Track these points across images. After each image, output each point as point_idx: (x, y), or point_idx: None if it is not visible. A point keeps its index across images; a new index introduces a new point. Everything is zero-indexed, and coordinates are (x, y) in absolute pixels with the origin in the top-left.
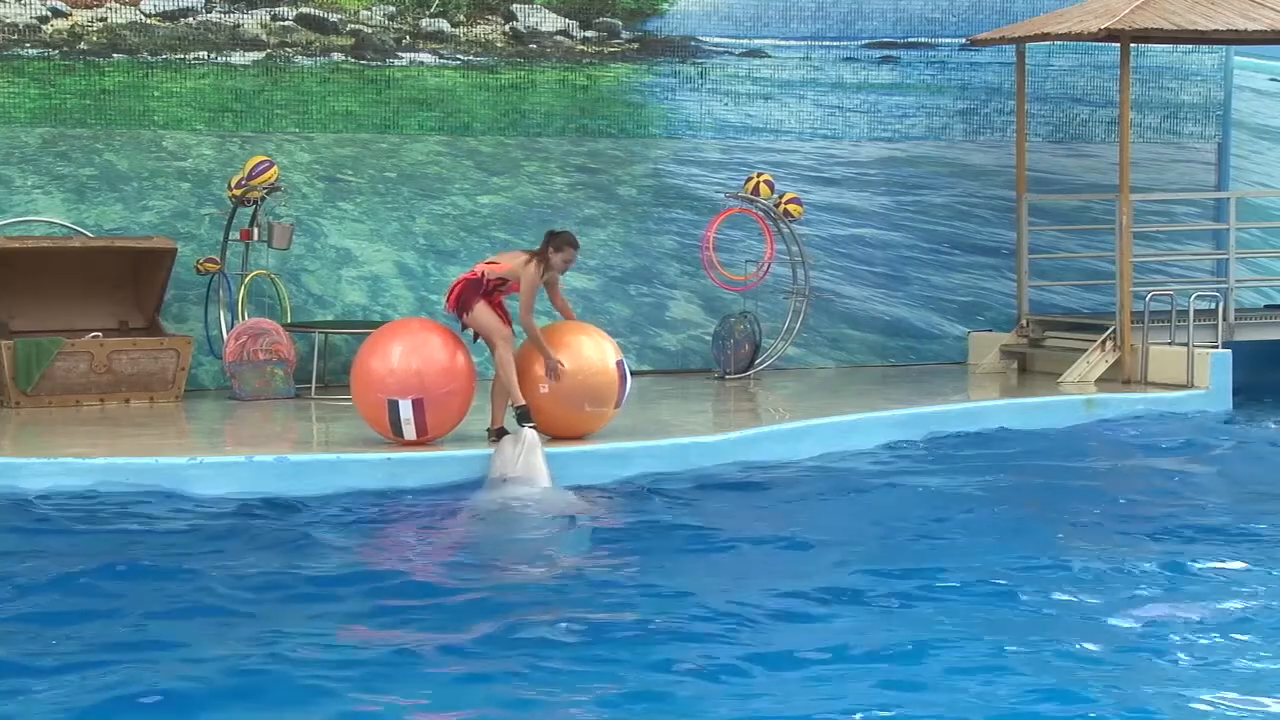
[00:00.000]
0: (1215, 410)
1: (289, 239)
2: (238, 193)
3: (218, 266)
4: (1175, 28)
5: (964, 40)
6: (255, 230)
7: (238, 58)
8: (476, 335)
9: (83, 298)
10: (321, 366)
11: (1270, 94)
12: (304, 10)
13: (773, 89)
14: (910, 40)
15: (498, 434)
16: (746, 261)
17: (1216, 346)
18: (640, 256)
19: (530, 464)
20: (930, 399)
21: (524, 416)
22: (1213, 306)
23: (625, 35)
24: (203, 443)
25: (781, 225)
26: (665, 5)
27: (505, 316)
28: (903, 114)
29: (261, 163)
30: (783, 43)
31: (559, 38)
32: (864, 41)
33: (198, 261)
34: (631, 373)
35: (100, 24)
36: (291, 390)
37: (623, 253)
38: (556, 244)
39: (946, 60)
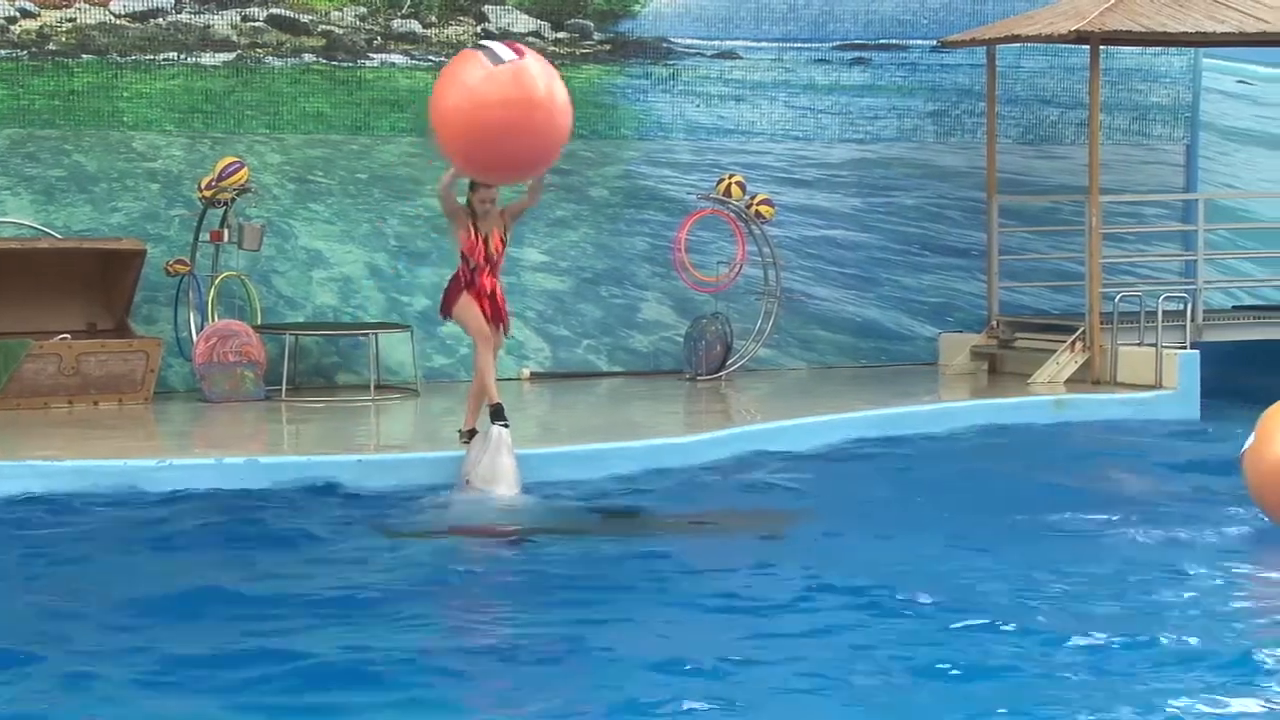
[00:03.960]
0: (1183, 411)
1: (259, 240)
2: (208, 194)
3: (187, 268)
4: (1144, 30)
5: (935, 42)
6: (225, 231)
7: (208, 59)
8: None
9: (51, 299)
10: (292, 368)
11: (1238, 96)
12: (275, 11)
13: (744, 90)
14: (881, 42)
15: (469, 435)
16: (718, 263)
17: (1185, 347)
18: (612, 258)
19: (496, 464)
20: (901, 400)
21: (497, 415)
22: (1181, 308)
23: (597, 37)
24: (172, 445)
25: (753, 226)
26: (637, 7)
27: (495, 310)
28: (874, 115)
29: (232, 164)
30: (754, 44)
31: (531, 39)
32: (835, 43)
33: (167, 263)
34: (601, 374)
35: (69, 24)
36: (262, 392)
37: (594, 254)
38: (471, 185)
39: (917, 62)
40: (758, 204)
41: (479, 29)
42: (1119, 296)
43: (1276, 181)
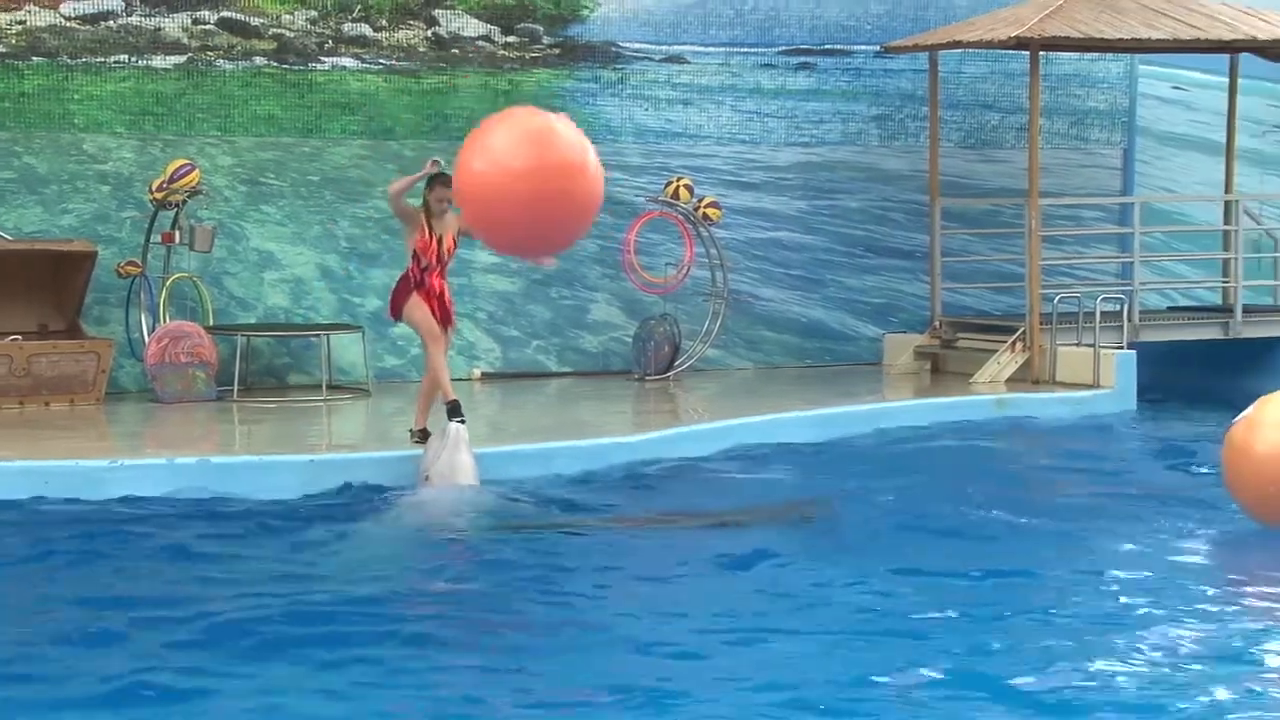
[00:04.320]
0: (1120, 409)
1: (211, 242)
2: (159, 196)
3: (139, 269)
4: (1082, 36)
5: (879, 48)
6: (177, 233)
7: (159, 61)
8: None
9: (2, 301)
10: (244, 369)
11: (1173, 102)
12: (226, 14)
13: (692, 94)
14: (826, 47)
15: (420, 435)
16: (666, 264)
17: (1122, 347)
18: (562, 259)
19: (454, 460)
20: (845, 400)
21: (453, 411)
22: (1118, 308)
23: (547, 41)
24: (124, 445)
25: (701, 229)
26: (586, 11)
27: (444, 311)
28: (819, 120)
29: (183, 166)
30: (702, 49)
31: (481, 43)
32: (781, 48)
33: (119, 264)
34: (551, 375)
35: (19, 27)
36: (213, 393)
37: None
38: (428, 184)
39: (862, 67)
40: (705, 206)
41: (429, 33)
42: (1058, 298)
43: (1211, 185)
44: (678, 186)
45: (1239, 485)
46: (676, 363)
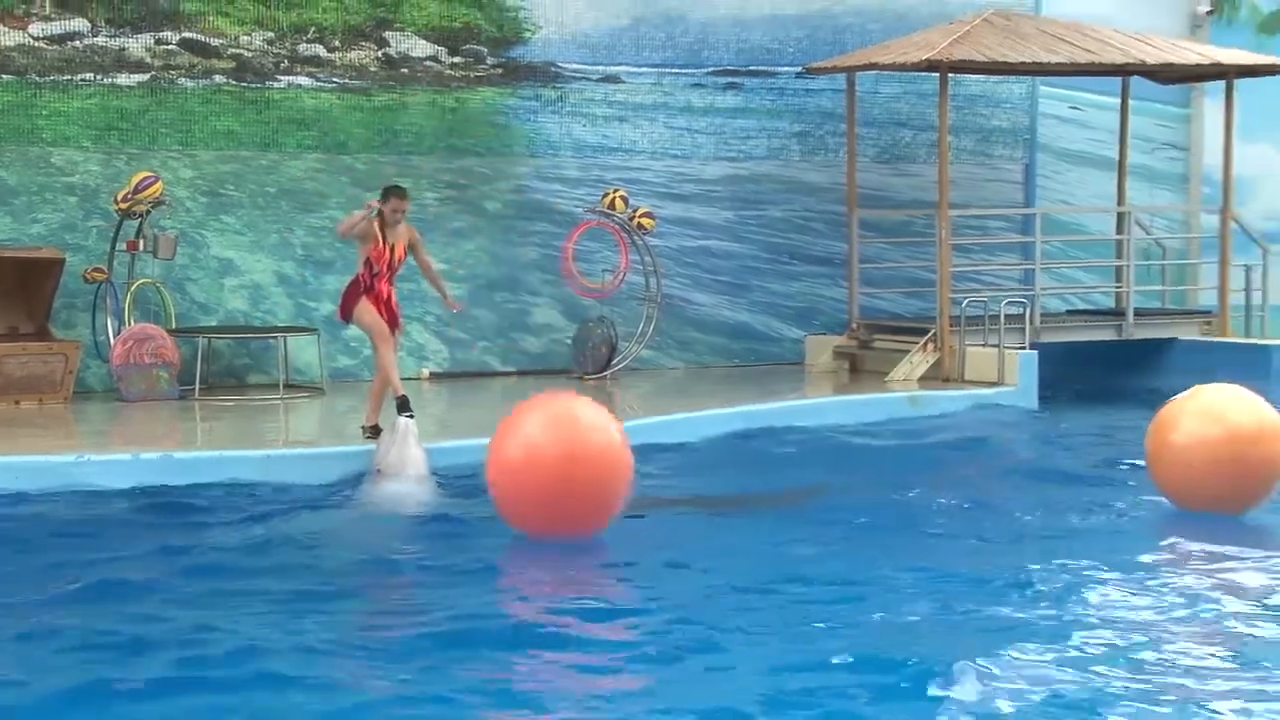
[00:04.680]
0: (1023, 405)
1: (173, 250)
2: (124, 206)
3: (105, 275)
4: (987, 60)
5: (800, 69)
6: (141, 241)
7: (123, 79)
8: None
9: None
10: (205, 369)
11: (1071, 120)
12: (187, 35)
13: (627, 112)
14: (752, 69)
15: (372, 430)
16: (603, 270)
17: (1024, 348)
18: (505, 266)
19: (404, 453)
20: (770, 397)
21: (403, 406)
22: (1021, 312)
23: (491, 61)
24: (90, 442)
25: (635, 237)
26: (528, 34)
27: (391, 314)
28: (745, 136)
29: (146, 178)
30: (636, 69)
31: (429, 63)
32: (710, 69)
33: (85, 271)
34: (496, 374)
35: None
36: (176, 392)
37: (489, 262)
38: (383, 195)
39: (785, 87)
40: (640, 216)
41: (380, 53)
42: (966, 302)
43: (1104, 198)
44: (614, 198)
45: (1161, 470)
46: (613, 362)
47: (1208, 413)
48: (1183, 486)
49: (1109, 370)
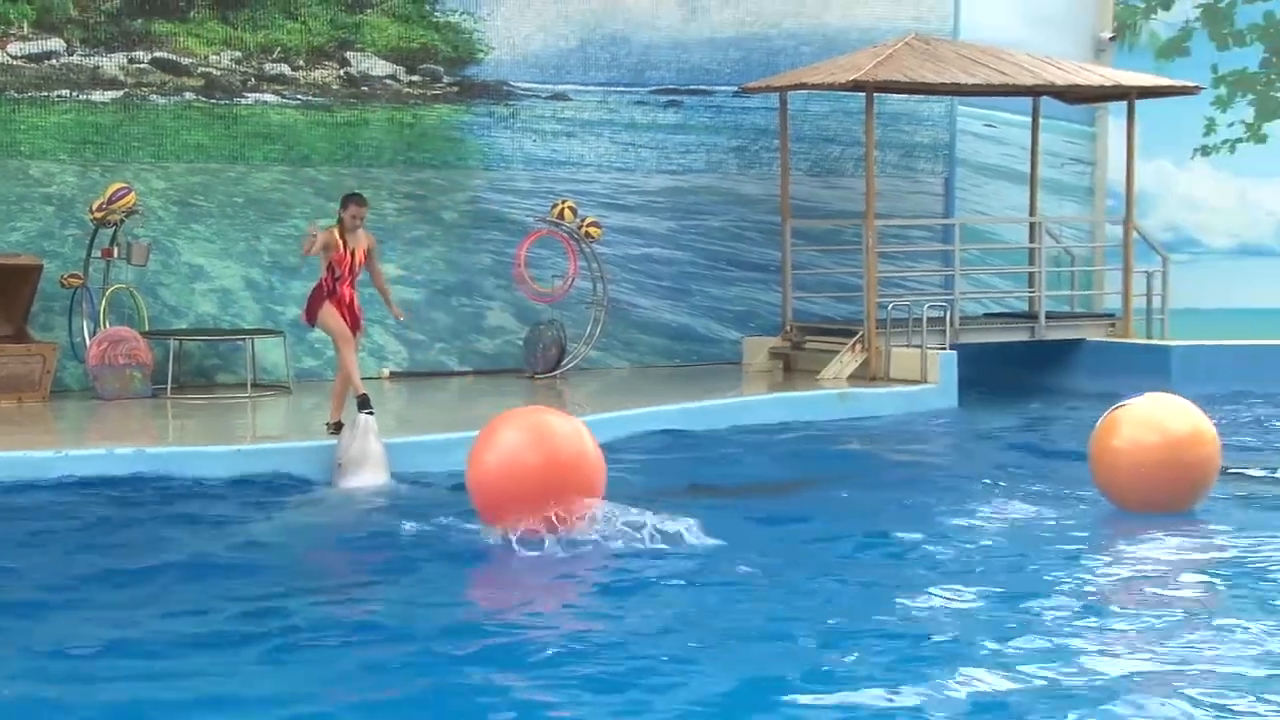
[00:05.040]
0: (944, 401)
1: (146, 256)
2: (99, 215)
3: (81, 281)
4: (909, 80)
5: (736, 88)
6: (115, 249)
7: (98, 96)
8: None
9: None
10: (176, 369)
11: (986, 137)
12: (159, 54)
13: (574, 128)
14: (691, 88)
15: (335, 427)
16: (553, 276)
17: (945, 348)
18: (461, 272)
19: (364, 448)
20: (711, 394)
21: (363, 404)
22: (942, 315)
23: (446, 80)
24: (68, 438)
25: (583, 245)
26: (481, 54)
27: (353, 317)
28: (685, 150)
29: (120, 189)
30: (583, 88)
31: (388, 81)
32: (652, 88)
33: (62, 276)
34: (453, 373)
35: None
36: (149, 391)
37: (445, 269)
38: (343, 203)
39: (722, 105)
40: (587, 226)
41: (342, 72)
42: (891, 305)
43: (1018, 209)
44: (563, 208)
45: (1104, 473)
46: (563, 363)
47: (1147, 420)
48: (1126, 488)
49: (1023, 369)
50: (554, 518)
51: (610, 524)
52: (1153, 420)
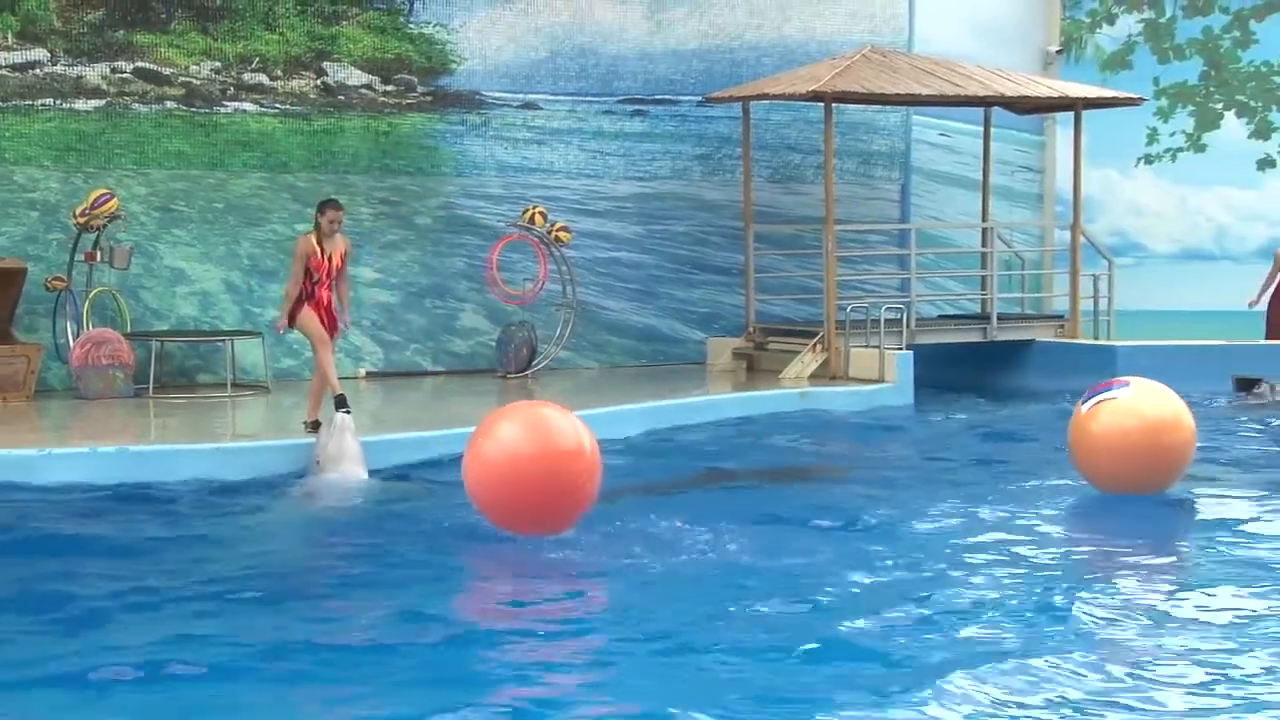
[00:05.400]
0: (901, 399)
1: (128, 260)
2: (82, 220)
3: (65, 284)
4: (867, 91)
5: (701, 98)
6: (98, 253)
7: (81, 104)
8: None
9: None
10: (158, 370)
11: (940, 146)
12: (140, 64)
13: (545, 136)
14: (657, 97)
15: (313, 425)
16: (524, 279)
17: (902, 349)
18: (434, 275)
19: (341, 446)
20: (677, 393)
21: (340, 403)
22: (899, 316)
23: (420, 90)
24: (52, 437)
25: (553, 249)
26: (454, 65)
27: (331, 319)
28: (652, 158)
29: (103, 195)
30: (552, 98)
31: (364, 90)
32: (619, 97)
33: (47, 279)
34: (427, 373)
35: None
36: (131, 391)
37: (420, 272)
38: (320, 209)
39: (687, 114)
40: (557, 230)
41: (319, 82)
42: (850, 307)
43: (970, 215)
44: (533, 213)
45: (1084, 456)
46: (534, 363)
47: (1126, 405)
48: (1105, 471)
49: (976, 368)
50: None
51: None
52: (1131, 405)
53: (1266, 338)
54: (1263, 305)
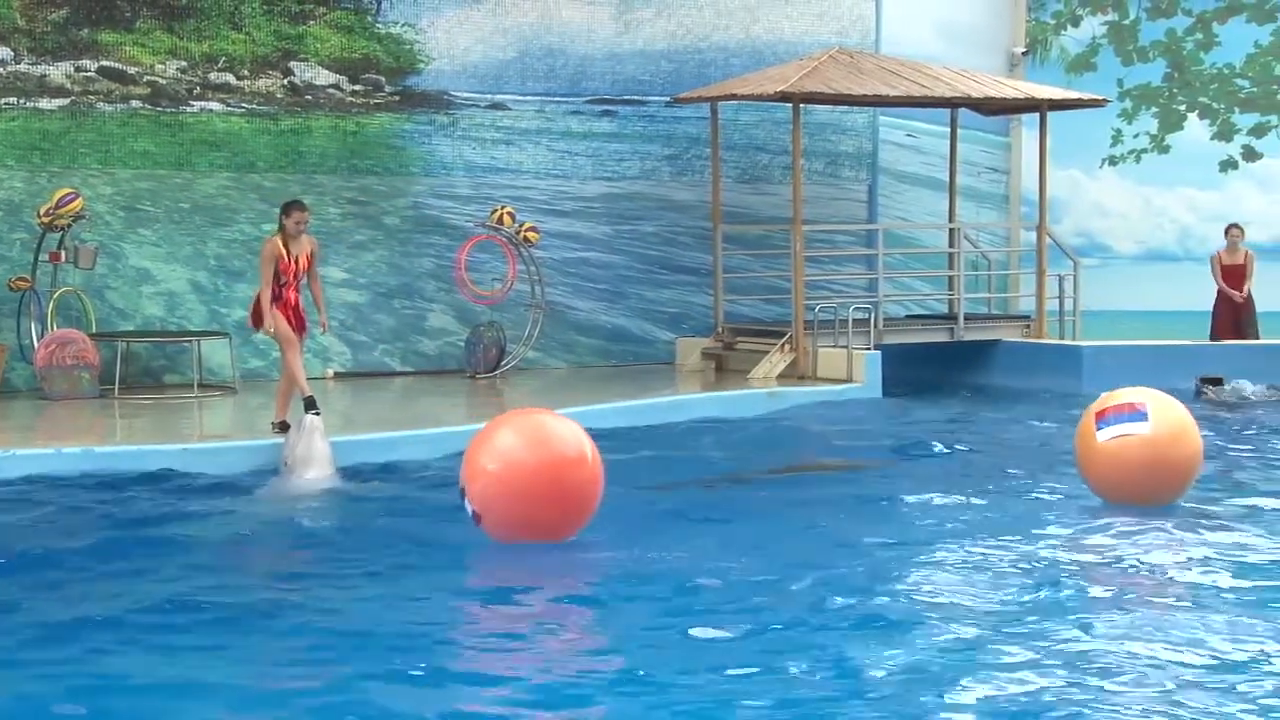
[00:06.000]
0: (869, 399)
1: (93, 260)
2: (46, 220)
3: (29, 284)
4: (834, 92)
5: (669, 99)
6: (63, 253)
7: (45, 103)
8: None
9: None
10: (124, 370)
11: (907, 147)
12: (105, 63)
13: (513, 136)
14: (625, 98)
15: (280, 426)
16: (493, 279)
17: (869, 348)
18: (403, 275)
19: (310, 447)
20: (646, 393)
21: (310, 405)
22: (866, 316)
23: (388, 89)
24: (16, 437)
25: (521, 249)
26: (422, 65)
27: (298, 320)
28: (620, 158)
29: (68, 194)
30: (521, 98)
31: (331, 90)
32: (588, 98)
33: (11, 280)
34: (395, 374)
35: None
36: (96, 391)
37: (388, 272)
38: (285, 210)
39: (655, 115)
40: (525, 230)
41: (286, 81)
42: (818, 307)
43: (937, 215)
44: (502, 214)
45: (1091, 467)
46: (503, 363)
47: (1149, 439)
48: (1113, 482)
49: (943, 368)
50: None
51: None
52: (1152, 439)
53: (1211, 338)
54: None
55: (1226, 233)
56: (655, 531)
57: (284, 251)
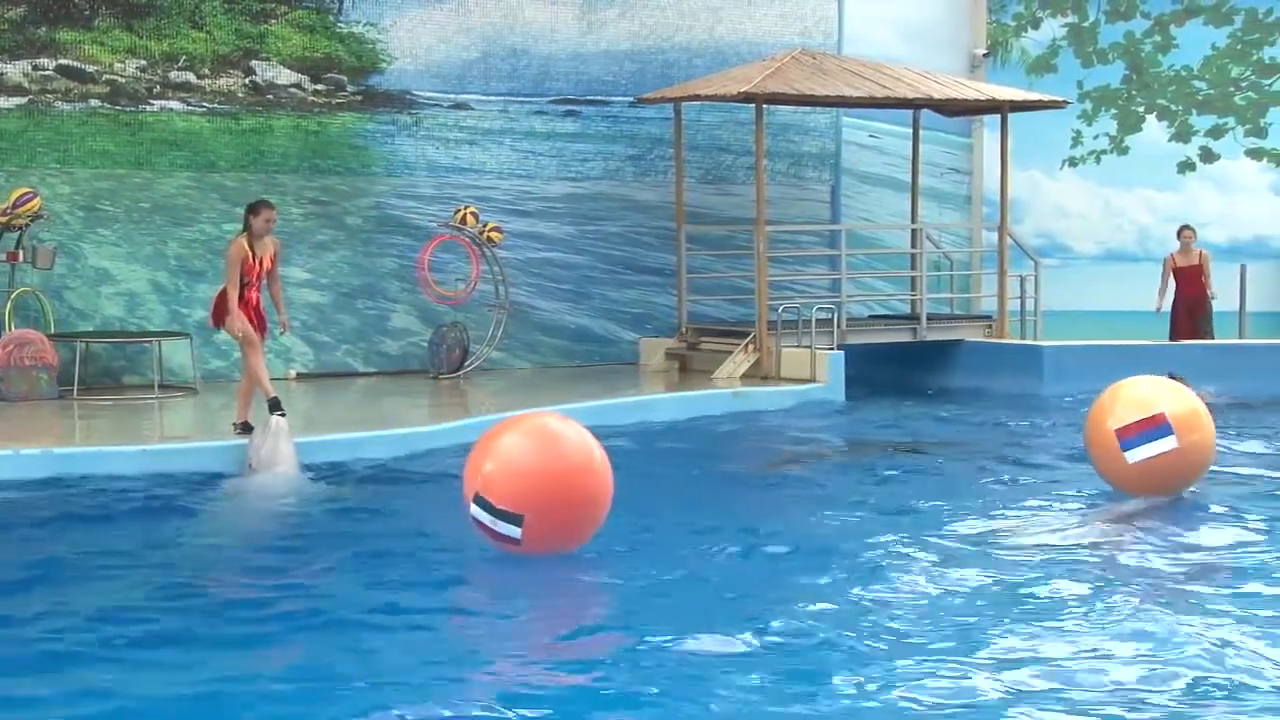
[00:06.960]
0: (832, 398)
1: (52, 260)
2: (3, 220)
3: None
4: (797, 93)
5: (632, 99)
6: (21, 253)
7: (2, 102)
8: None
9: None
10: (83, 371)
11: (869, 147)
12: (64, 62)
13: (476, 136)
14: (589, 98)
15: (242, 427)
16: (456, 280)
17: (833, 349)
18: (366, 275)
19: (276, 448)
20: (610, 393)
21: (274, 406)
22: (830, 316)
23: (351, 89)
24: None
25: (485, 249)
26: (384, 64)
27: (260, 320)
28: (584, 158)
29: (25, 194)
30: (484, 98)
31: (293, 90)
32: (551, 98)
33: None
34: (358, 374)
35: None
36: (55, 392)
37: (351, 272)
38: (253, 210)
39: (619, 115)
40: (489, 230)
41: (247, 80)
42: (781, 308)
43: (899, 216)
44: (465, 214)
45: (1101, 456)
46: (466, 363)
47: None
48: (1148, 491)
49: (906, 368)
50: None
51: None
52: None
53: (1170, 339)
54: (1167, 307)
55: (1179, 234)
56: (626, 534)
57: (249, 251)
